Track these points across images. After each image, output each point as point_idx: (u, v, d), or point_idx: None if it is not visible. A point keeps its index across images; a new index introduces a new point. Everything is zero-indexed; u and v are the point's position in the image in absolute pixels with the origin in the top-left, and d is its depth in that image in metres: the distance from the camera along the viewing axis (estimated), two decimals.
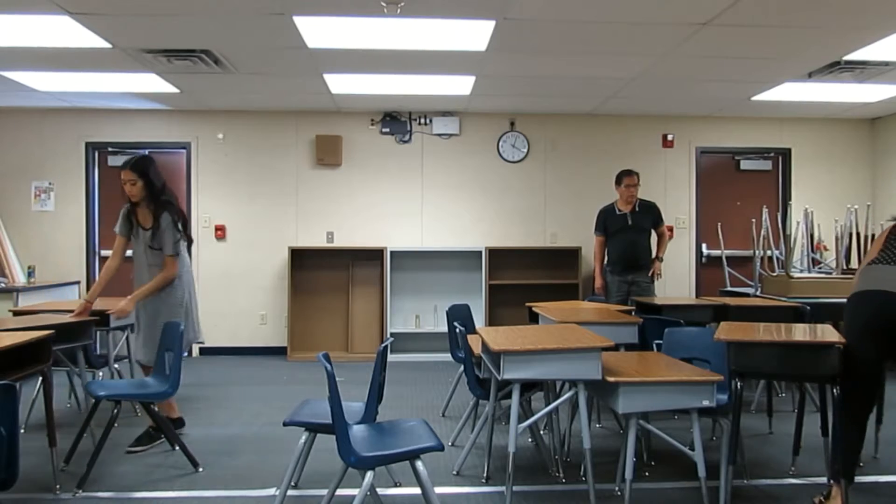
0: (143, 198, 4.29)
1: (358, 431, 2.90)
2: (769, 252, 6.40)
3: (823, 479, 3.62)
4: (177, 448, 4.00)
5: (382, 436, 2.98)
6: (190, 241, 4.48)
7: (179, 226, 4.31)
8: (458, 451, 4.17)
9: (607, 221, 6.25)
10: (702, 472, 3.18)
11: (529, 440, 4.35)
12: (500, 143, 7.68)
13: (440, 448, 2.81)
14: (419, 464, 2.77)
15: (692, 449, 3.16)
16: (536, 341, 3.34)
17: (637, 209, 6.18)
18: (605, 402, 3.28)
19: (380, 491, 3.51)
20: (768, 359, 3.31)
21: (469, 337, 4.14)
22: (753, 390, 5.40)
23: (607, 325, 4.28)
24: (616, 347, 4.30)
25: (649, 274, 6.18)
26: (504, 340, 3.35)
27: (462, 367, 4.99)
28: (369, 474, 2.75)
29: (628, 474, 3.14)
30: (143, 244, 4.32)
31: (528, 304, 5.08)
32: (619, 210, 6.22)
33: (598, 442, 4.35)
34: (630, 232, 6.12)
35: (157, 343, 4.13)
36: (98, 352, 6.18)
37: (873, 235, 6.46)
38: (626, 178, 6.18)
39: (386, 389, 4.27)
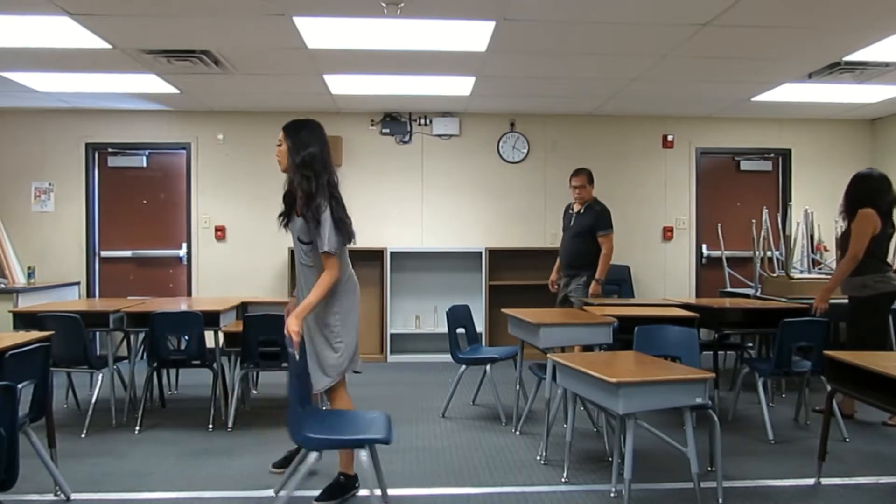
0: None
1: (316, 415, 2.88)
2: (769, 253, 6.40)
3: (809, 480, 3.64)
4: None
5: (339, 422, 3.13)
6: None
7: None
8: (446, 451, 4.18)
9: (563, 218, 6.06)
10: (695, 468, 3.19)
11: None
12: (501, 144, 7.68)
13: (387, 441, 2.94)
14: (362, 453, 2.90)
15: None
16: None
17: (582, 210, 5.83)
18: (603, 402, 3.27)
19: (365, 492, 3.52)
20: None
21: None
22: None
23: (584, 325, 4.35)
24: (592, 348, 4.33)
25: (590, 291, 5.66)
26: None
27: (463, 368, 5.00)
28: (312, 455, 2.87)
29: (627, 474, 3.14)
30: None
31: (503, 309, 4.93)
32: (572, 209, 5.94)
33: (590, 443, 4.35)
34: (569, 231, 5.87)
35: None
36: (98, 352, 6.20)
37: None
38: (572, 177, 5.88)
39: (387, 389, 4.30)
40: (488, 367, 4.96)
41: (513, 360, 4.95)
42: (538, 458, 4.03)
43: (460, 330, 5.21)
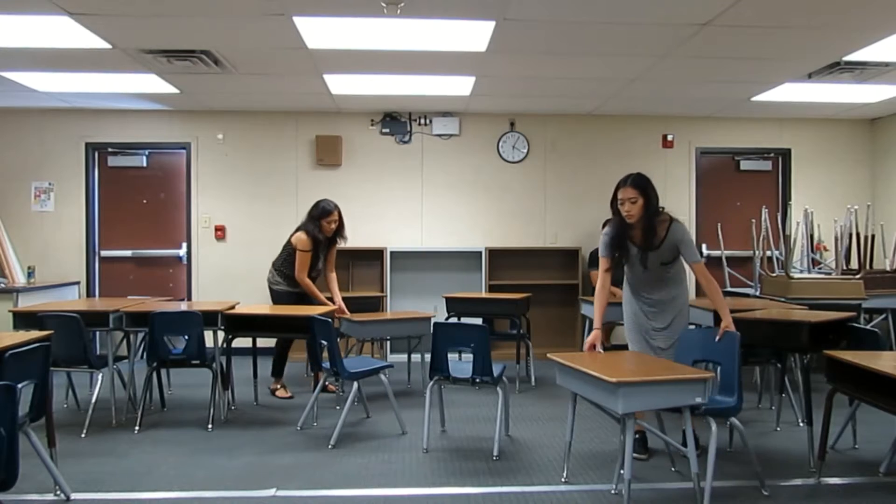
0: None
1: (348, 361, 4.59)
2: (769, 252, 6.40)
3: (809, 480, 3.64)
4: None
5: (356, 364, 4.61)
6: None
7: None
8: (446, 451, 4.18)
9: None
10: (694, 468, 3.22)
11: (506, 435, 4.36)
12: (500, 144, 7.68)
13: (391, 365, 4.78)
14: (383, 377, 4.50)
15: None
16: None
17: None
18: (603, 402, 3.26)
19: (367, 492, 3.52)
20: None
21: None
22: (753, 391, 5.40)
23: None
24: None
25: None
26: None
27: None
28: (355, 384, 4.39)
29: (627, 474, 3.15)
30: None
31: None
32: None
33: (593, 445, 4.35)
34: None
35: None
36: (98, 352, 6.19)
37: (873, 236, 6.47)
38: None
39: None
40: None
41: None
42: (542, 459, 4.04)
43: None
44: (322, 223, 5.49)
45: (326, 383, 5.50)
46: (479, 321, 5.64)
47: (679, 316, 4.04)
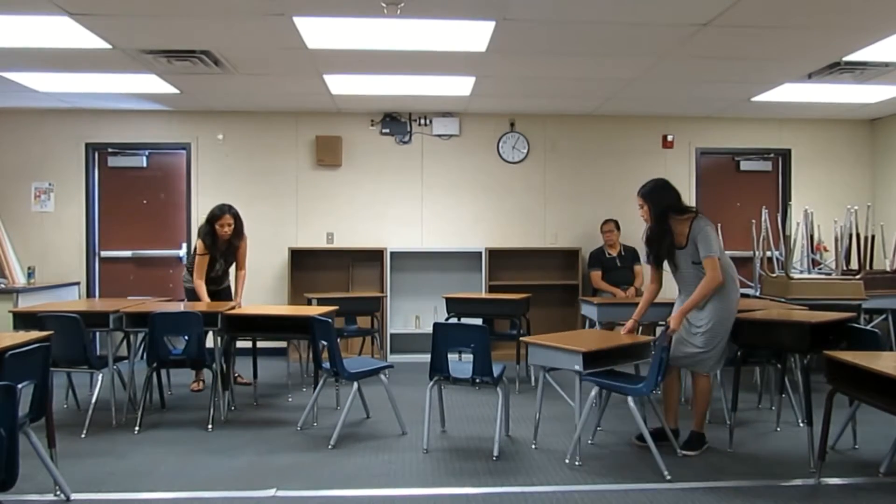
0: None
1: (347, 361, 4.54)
2: (769, 253, 6.40)
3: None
4: None
5: (356, 364, 4.63)
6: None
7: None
8: (446, 451, 4.18)
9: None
10: (577, 419, 3.81)
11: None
12: (500, 144, 7.68)
13: (391, 366, 4.82)
14: (383, 377, 4.56)
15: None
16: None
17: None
18: None
19: (367, 492, 3.52)
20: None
21: None
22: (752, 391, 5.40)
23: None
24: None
25: None
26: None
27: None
28: (356, 384, 4.45)
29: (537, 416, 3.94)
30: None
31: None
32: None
33: (594, 445, 4.35)
34: None
35: None
36: (98, 352, 6.19)
37: (873, 236, 6.48)
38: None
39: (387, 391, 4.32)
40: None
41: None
42: (533, 447, 4.04)
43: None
44: (214, 227, 5.61)
45: (236, 376, 5.65)
46: (479, 321, 5.64)
47: (718, 322, 4.00)
